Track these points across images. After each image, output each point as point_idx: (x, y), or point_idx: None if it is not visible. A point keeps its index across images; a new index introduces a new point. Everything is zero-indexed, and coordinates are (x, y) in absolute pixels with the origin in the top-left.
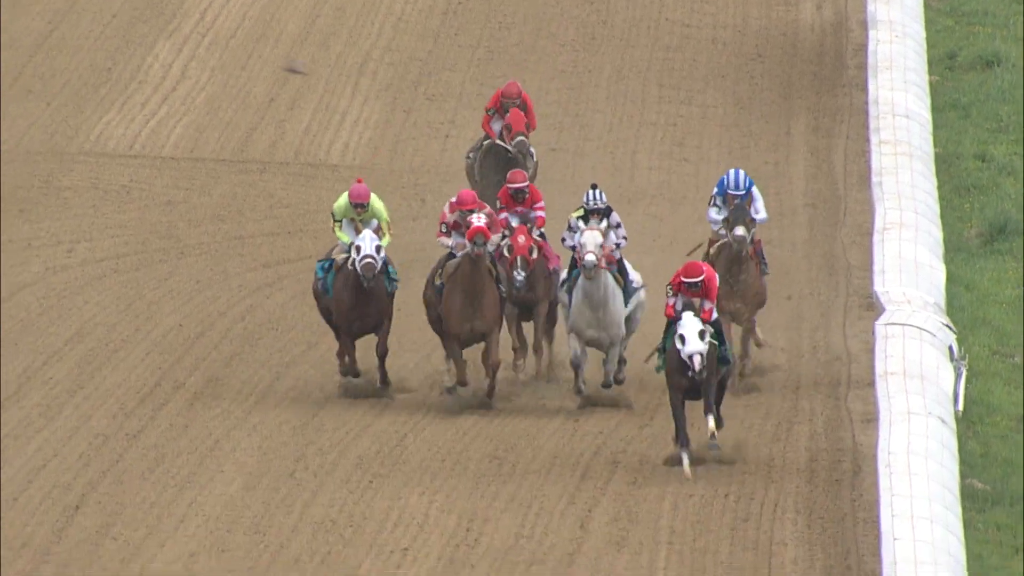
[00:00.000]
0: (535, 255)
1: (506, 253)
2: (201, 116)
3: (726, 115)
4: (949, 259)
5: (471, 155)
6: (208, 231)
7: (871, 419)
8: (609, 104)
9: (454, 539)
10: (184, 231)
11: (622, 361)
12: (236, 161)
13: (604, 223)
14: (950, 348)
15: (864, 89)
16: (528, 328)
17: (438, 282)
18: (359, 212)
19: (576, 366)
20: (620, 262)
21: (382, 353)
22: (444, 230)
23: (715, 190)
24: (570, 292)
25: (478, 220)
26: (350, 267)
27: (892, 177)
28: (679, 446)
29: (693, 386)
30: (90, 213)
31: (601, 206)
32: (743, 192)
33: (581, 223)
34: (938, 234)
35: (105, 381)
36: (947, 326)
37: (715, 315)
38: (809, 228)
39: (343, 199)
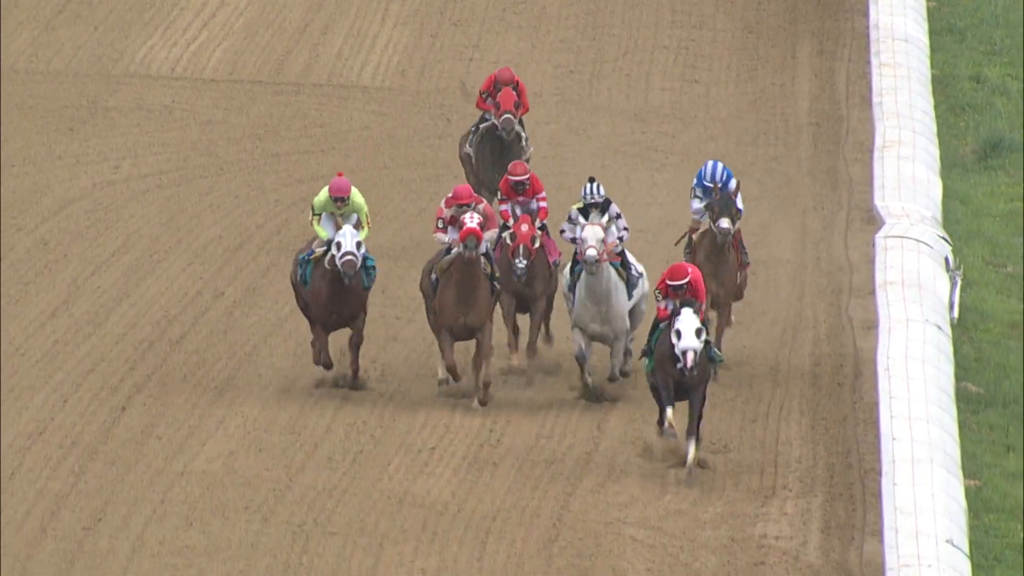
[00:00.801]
0: (537, 244)
1: (508, 241)
2: (239, 40)
3: (735, 39)
4: (945, 175)
5: (468, 146)
6: (246, 149)
7: (871, 326)
8: (624, 29)
9: (478, 440)
10: (223, 149)
11: (627, 354)
12: (272, 83)
13: (605, 216)
14: (946, 259)
15: (865, 14)
16: (524, 327)
17: (434, 276)
18: (339, 206)
19: (581, 361)
20: (622, 254)
21: (357, 343)
22: (441, 225)
23: (694, 181)
24: (573, 288)
25: (471, 220)
26: (328, 264)
27: (891, 97)
28: (660, 420)
29: (681, 382)
30: (135, 132)
31: (599, 199)
32: (719, 183)
33: (581, 216)
34: (935, 151)
35: (149, 290)
36: (943, 238)
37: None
38: (813, 146)
39: (323, 193)
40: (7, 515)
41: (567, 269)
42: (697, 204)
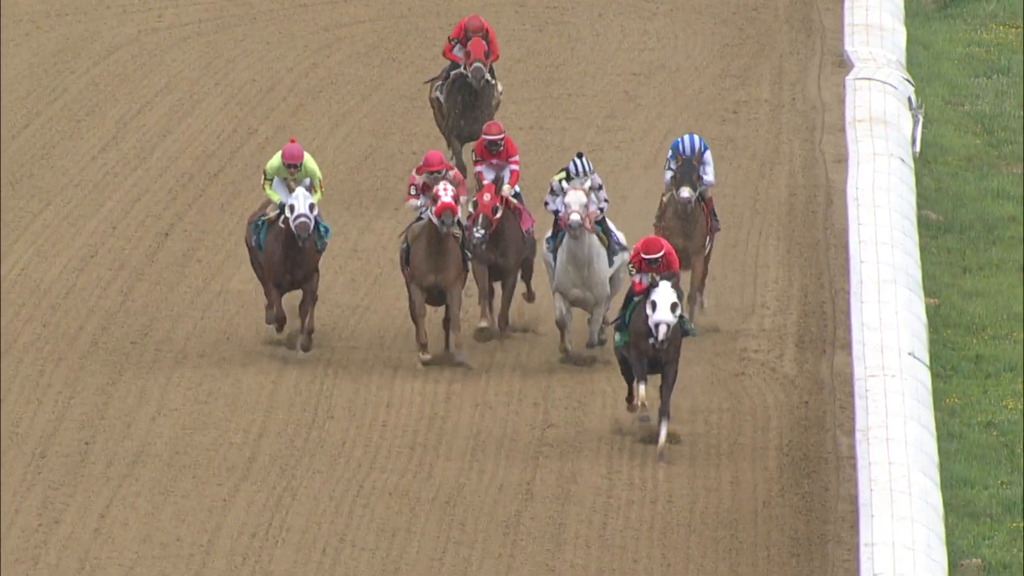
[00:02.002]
0: (498, 215)
1: (471, 209)
2: None
3: None
4: (909, 22)
5: (437, 89)
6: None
7: (842, 159)
8: None
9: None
10: (256, 0)
11: (605, 321)
12: None
13: (588, 183)
14: (909, 99)
15: None
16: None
17: (404, 244)
18: (292, 172)
19: (562, 326)
20: (603, 222)
21: (311, 302)
22: (413, 192)
23: (669, 154)
24: (554, 253)
25: (445, 194)
26: (282, 224)
27: None
28: (634, 386)
29: (654, 357)
30: None
31: (584, 172)
32: (693, 155)
33: (565, 184)
34: (899, 1)
35: (190, 127)
36: (907, 80)
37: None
38: None
39: (276, 159)
40: (65, 328)
41: (547, 236)
42: (669, 175)
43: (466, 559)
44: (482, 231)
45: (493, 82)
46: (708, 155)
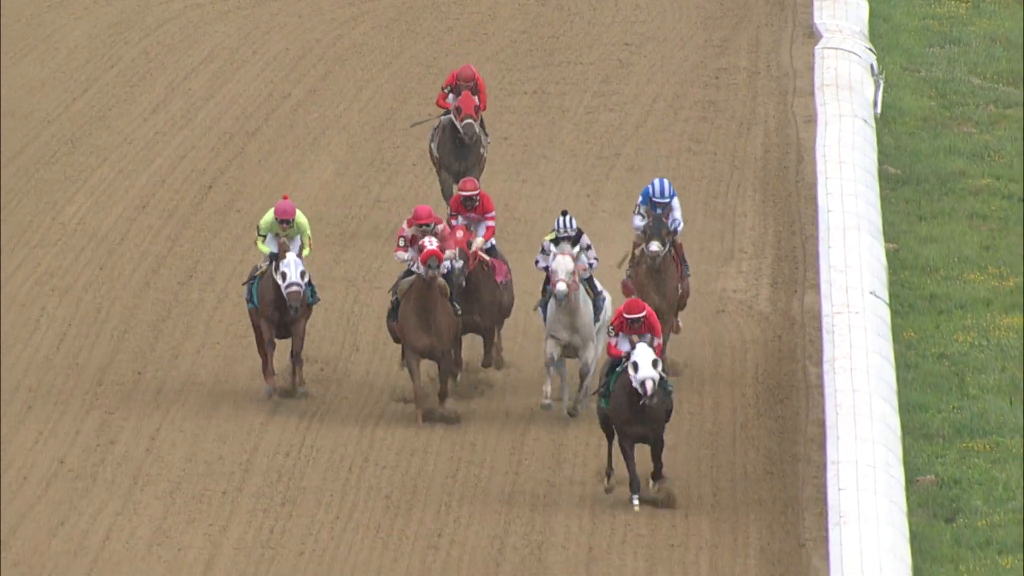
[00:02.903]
0: (473, 248)
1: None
2: None
3: None
4: None
5: (431, 140)
6: None
7: (811, 120)
8: None
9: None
10: None
11: (587, 392)
12: None
13: (576, 248)
14: (871, 66)
15: None
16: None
17: (394, 297)
18: (284, 228)
19: (549, 366)
20: (591, 280)
21: (297, 352)
22: (402, 244)
23: (639, 199)
24: (545, 306)
25: (430, 244)
26: (273, 275)
27: None
28: (631, 490)
29: (641, 420)
30: None
31: (572, 232)
32: (667, 200)
33: (553, 246)
34: None
35: (230, 92)
36: (869, 49)
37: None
38: None
39: (269, 215)
40: (120, 271)
41: (541, 289)
42: (638, 221)
43: (476, 475)
44: (460, 262)
45: (483, 136)
46: (676, 200)
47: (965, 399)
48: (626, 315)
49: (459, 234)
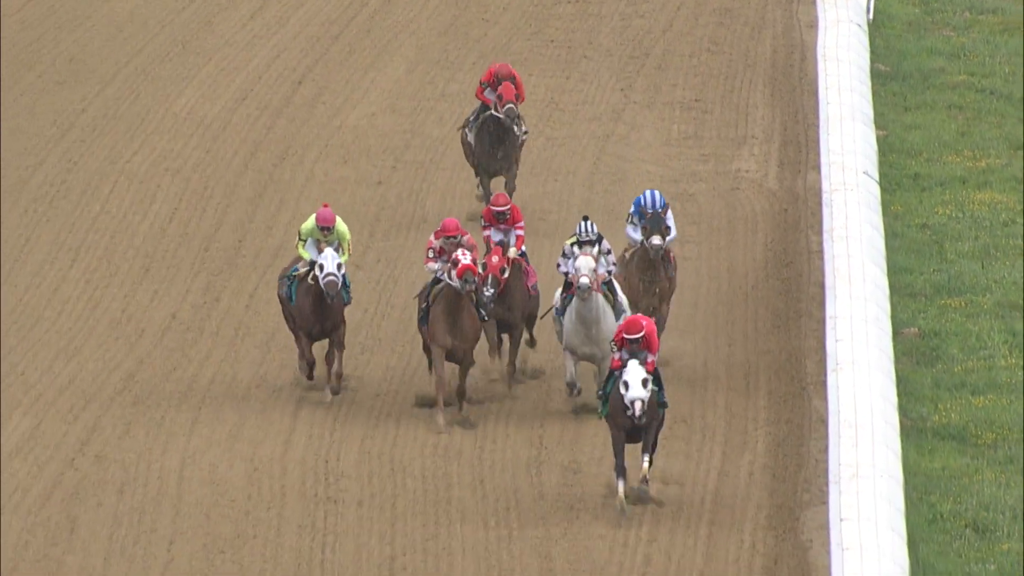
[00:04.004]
0: (506, 275)
1: (480, 271)
2: None
3: None
4: None
5: (468, 127)
6: None
7: (813, 25)
8: None
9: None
10: None
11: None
12: None
13: (596, 249)
14: None
15: None
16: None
17: (422, 305)
18: (325, 234)
19: (571, 386)
20: (610, 283)
21: (339, 348)
22: (431, 255)
23: (632, 209)
24: (563, 312)
25: (464, 257)
26: (311, 280)
27: None
28: (616, 477)
29: (634, 428)
30: None
31: (593, 236)
32: (657, 210)
33: (576, 249)
34: None
35: (316, 2)
36: None
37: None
38: None
39: (311, 221)
40: (223, 154)
41: (557, 294)
42: (631, 231)
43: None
44: (491, 290)
45: (521, 123)
46: (669, 212)
47: (944, 263)
48: (625, 335)
49: (495, 259)
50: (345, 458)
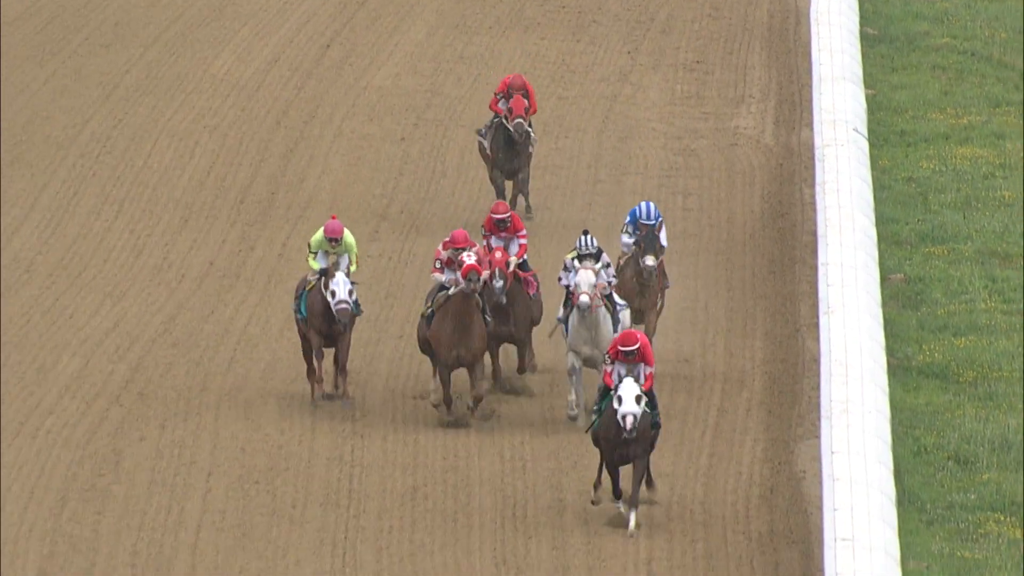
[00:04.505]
0: (511, 268)
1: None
2: None
3: None
4: None
5: (482, 133)
6: None
7: None
8: None
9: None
10: None
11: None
12: None
13: (598, 264)
14: None
15: None
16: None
17: (428, 311)
18: (333, 245)
19: (572, 374)
20: (610, 296)
21: (343, 363)
22: (438, 266)
23: (627, 219)
24: (566, 321)
25: (469, 258)
26: (321, 292)
27: None
28: (610, 493)
29: (623, 447)
30: None
31: (593, 250)
32: (654, 222)
33: (576, 262)
34: None
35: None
36: None
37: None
38: None
39: (319, 233)
40: (256, 112)
41: (560, 311)
42: (626, 239)
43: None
44: (500, 282)
45: (531, 133)
46: (661, 222)
47: (928, 213)
48: (620, 347)
49: (498, 255)
50: (371, 396)
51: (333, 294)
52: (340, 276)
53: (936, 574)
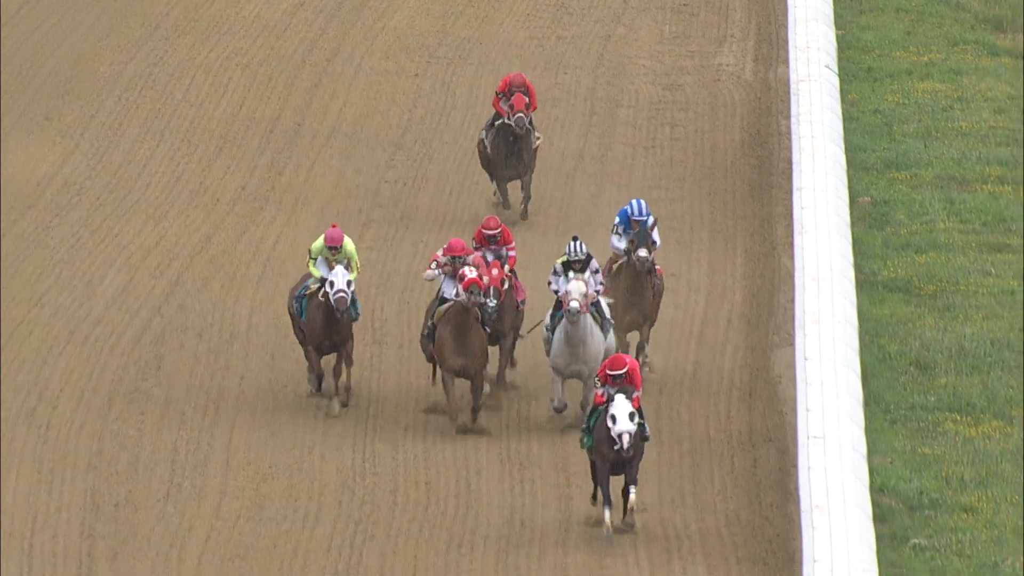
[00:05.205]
0: (506, 286)
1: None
2: None
3: None
4: None
5: (483, 133)
6: None
7: None
8: None
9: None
10: None
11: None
12: None
13: (587, 272)
14: None
15: None
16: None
17: (429, 323)
18: (333, 252)
19: (559, 410)
20: (597, 304)
21: (348, 364)
22: (433, 267)
23: (617, 219)
24: (552, 331)
25: (470, 272)
26: (321, 297)
27: None
28: (602, 505)
29: (618, 460)
30: None
31: (582, 256)
32: (644, 218)
33: (565, 270)
34: None
35: None
36: None
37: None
38: None
39: (320, 241)
40: (283, 51)
41: (548, 315)
42: (616, 241)
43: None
44: (494, 301)
45: (533, 130)
46: (652, 219)
47: (892, 142)
48: (609, 371)
49: (495, 271)
50: (388, 308)
51: (332, 284)
52: (339, 268)
53: (899, 468)
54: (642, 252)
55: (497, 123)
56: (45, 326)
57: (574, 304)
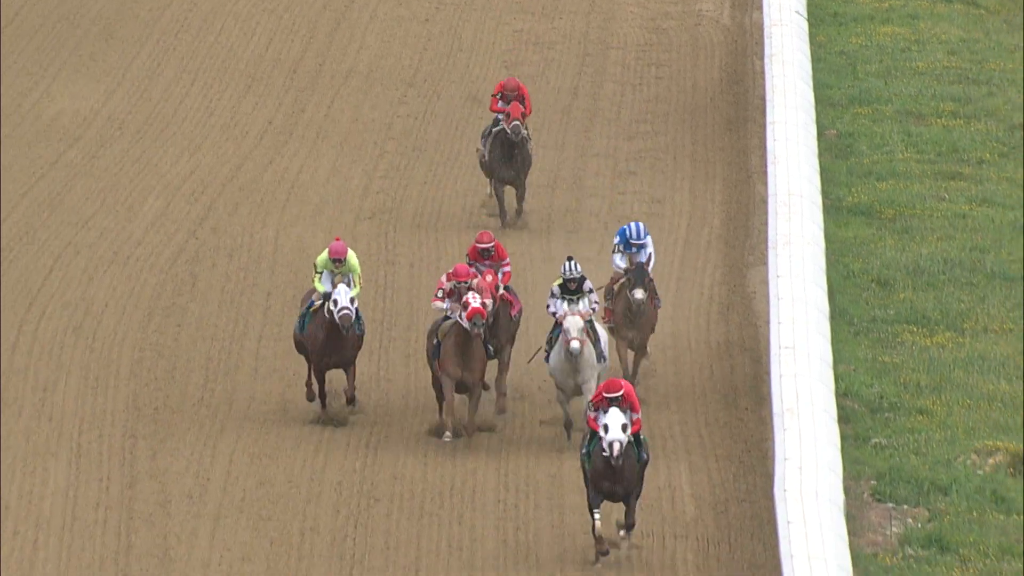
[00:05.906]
0: (500, 292)
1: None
2: None
3: None
4: None
5: (481, 142)
6: None
7: None
8: None
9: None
10: None
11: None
12: None
13: (581, 302)
14: None
15: None
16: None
17: (436, 340)
18: (337, 266)
19: (568, 428)
20: (591, 322)
21: (351, 381)
22: (440, 295)
23: (616, 239)
24: (551, 344)
25: (475, 300)
26: (326, 313)
27: None
28: (592, 515)
29: (613, 482)
30: None
31: (577, 275)
32: (642, 241)
33: (560, 293)
34: None
35: None
36: None
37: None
38: None
39: (324, 255)
40: (301, 20)
41: (547, 337)
42: (618, 260)
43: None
44: (490, 302)
45: (529, 140)
46: (648, 239)
47: (856, 80)
48: (605, 394)
49: (488, 278)
50: (400, 235)
51: (335, 302)
52: (341, 286)
53: (861, 375)
54: (638, 294)
55: (495, 129)
56: (91, 247)
57: (575, 345)
